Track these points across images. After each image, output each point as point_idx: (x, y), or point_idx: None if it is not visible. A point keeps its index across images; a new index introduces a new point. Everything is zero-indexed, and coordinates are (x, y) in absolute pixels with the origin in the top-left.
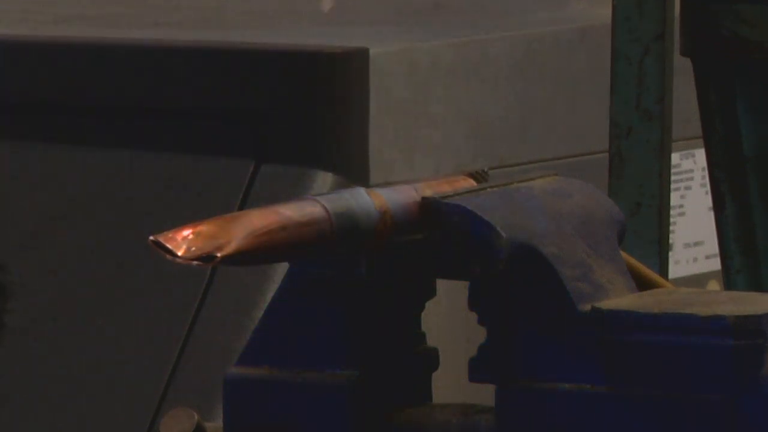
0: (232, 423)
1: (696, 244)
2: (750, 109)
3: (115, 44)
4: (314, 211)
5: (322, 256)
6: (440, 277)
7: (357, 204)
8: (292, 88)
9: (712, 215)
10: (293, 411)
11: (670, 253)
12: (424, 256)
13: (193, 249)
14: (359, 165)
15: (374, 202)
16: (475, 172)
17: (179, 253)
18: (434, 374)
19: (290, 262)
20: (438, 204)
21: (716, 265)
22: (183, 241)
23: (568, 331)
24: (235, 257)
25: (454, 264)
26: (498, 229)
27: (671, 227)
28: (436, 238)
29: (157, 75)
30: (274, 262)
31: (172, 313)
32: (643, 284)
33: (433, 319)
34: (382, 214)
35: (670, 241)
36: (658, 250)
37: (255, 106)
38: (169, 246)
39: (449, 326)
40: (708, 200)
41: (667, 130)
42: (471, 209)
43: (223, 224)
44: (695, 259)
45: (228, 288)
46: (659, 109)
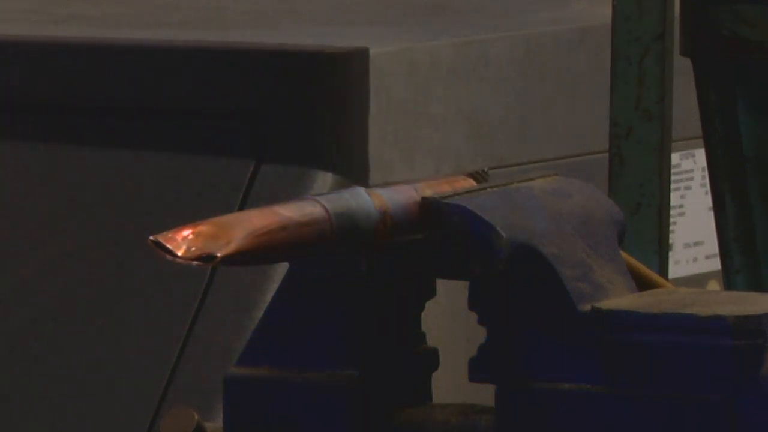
0: (232, 423)
1: (696, 244)
2: (750, 109)
3: (115, 44)
4: (314, 211)
5: (322, 256)
6: (440, 277)
7: (357, 204)
8: (292, 88)
9: (712, 215)
10: (293, 411)
11: (670, 253)
12: (424, 256)
13: (193, 249)
14: (359, 165)
15: (374, 202)
16: (475, 172)
17: (179, 253)
18: (434, 374)
19: (290, 262)
20: (438, 204)
21: (716, 265)
22: (183, 241)
23: (568, 331)
24: (234, 257)
25: (454, 264)
26: (498, 229)
27: (671, 227)
28: (436, 238)
29: (157, 75)
30: (274, 262)
31: (172, 313)
32: (643, 284)
33: (433, 319)
34: (382, 214)
35: (670, 241)
36: (658, 250)
37: (255, 106)
38: (168, 246)
39: (449, 326)
40: (708, 200)
41: (667, 130)
42: (471, 209)
43: (223, 224)
44: (695, 259)
45: (228, 288)
46: (659, 109)
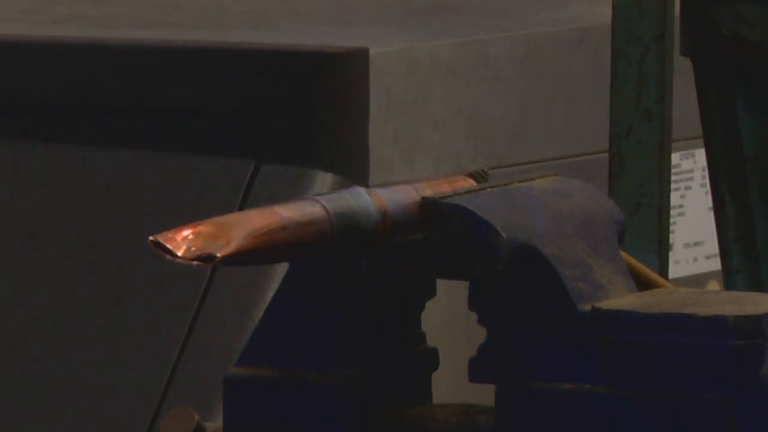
0: (232, 423)
1: (696, 244)
2: (750, 109)
3: (115, 44)
4: (314, 211)
5: (322, 256)
6: (440, 277)
7: (357, 204)
8: (292, 88)
9: (712, 215)
10: (293, 411)
11: (670, 253)
12: (424, 256)
13: (193, 249)
14: (359, 165)
15: (374, 202)
16: (475, 172)
17: (179, 254)
18: (434, 374)
19: (290, 262)
20: (438, 204)
21: (716, 265)
22: (183, 242)
23: (568, 331)
24: (234, 257)
25: (454, 264)
26: (498, 229)
27: (671, 227)
28: (436, 238)
29: (157, 75)
30: (274, 262)
31: (172, 313)
32: (643, 284)
33: (433, 319)
34: (382, 214)
35: (670, 241)
36: (658, 250)
37: (255, 106)
38: (168, 246)
39: (449, 326)
40: (708, 200)
41: (667, 130)
42: (471, 209)
43: (223, 224)
44: (695, 259)
45: (228, 288)
46: (659, 109)
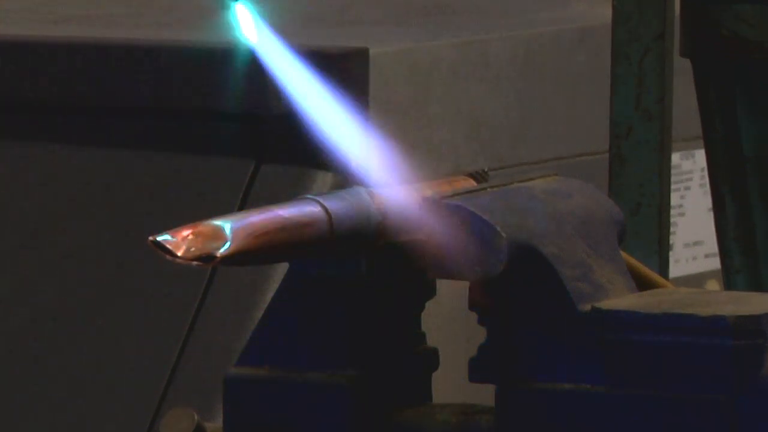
0: (232, 423)
1: (696, 243)
2: (750, 109)
3: (115, 44)
4: (314, 211)
5: (322, 256)
6: (440, 277)
7: (357, 204)
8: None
9: (712, 215)
10: (293, 411)
11: (670, 253)
12: (424, 256)
13: (193, 249)
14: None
15: (374, 202)
16: (475, 172)
17: (179, 254)
18: (434, 374)
19: (290, 262)
20: (438, 204)
21: (716, 264)
22: (183, 242)
23: (568, 331)
24: (234, 257)
25: (454, 264)
26: (498, 229)
27: (671, 227)
28: (436, 238)
29: (158, 75)
30: (274, 262)
31: (172, 313)
32: (643, 284)
33: (433, 319)
34: (382, 214)
35: (670, 241)
36: (658, 250)
37: (255, 106)
38: (168, 246)
39: (449, 326)
40: (708, 200)
41: (667, 130)
42: (471, 209)
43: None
44: (695, 259)
45: (228, 288)
46: (659, 109)
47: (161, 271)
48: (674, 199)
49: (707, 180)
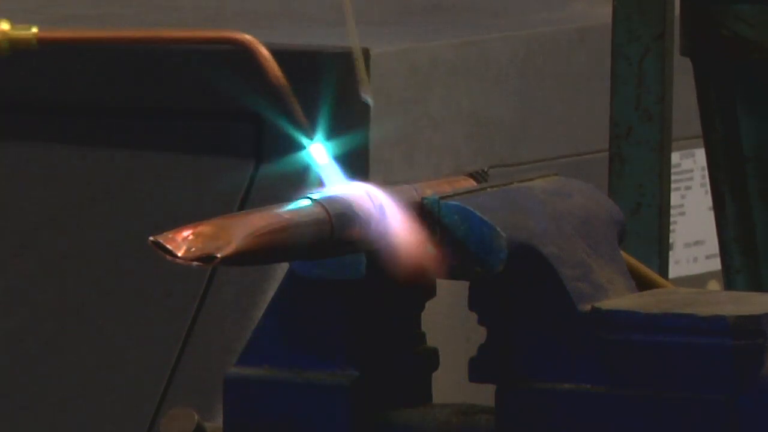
0: (232, 423)
1: (696, 244)
2: (750, 109)
3: (115, 45)
4: (314, 212)
5: (323, 256)
6: (440, 277)
7: (357, 204)
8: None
9: (712, 215)
10: (293, 411)
11: (670, 253)
12: (424, 256)
13: (193, 250)
14: (359, 165)
15: (374, 202)
16: (475, 172)
17: (179, 254)
18: (434, 374)
19: (290, 262)
20: (438, 204)
21: (716, 265)
22: (183, 242)
23: (568, 331)
24: (235, 258)
25: (454, 264)
26: (498, 229)
27: (671, 227)
28: (436, 238)
29: (157, 75)
30: (274, 263)
31: (172, 313)
32: (643, 284)
33: (433, 319)
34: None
35: (670, 241)
36: (658, 250)
37: (255, 106)
38: (169, 247)
39: (449, 326)
40: (708, 200)
41: (667, 130)
42: (471, 209)
43: (223, 225)
44: (695, 259)
45: (228, 288)
46: (659, 109)
47: (161, 271)
48: (674, 198)
49: (707, 180)
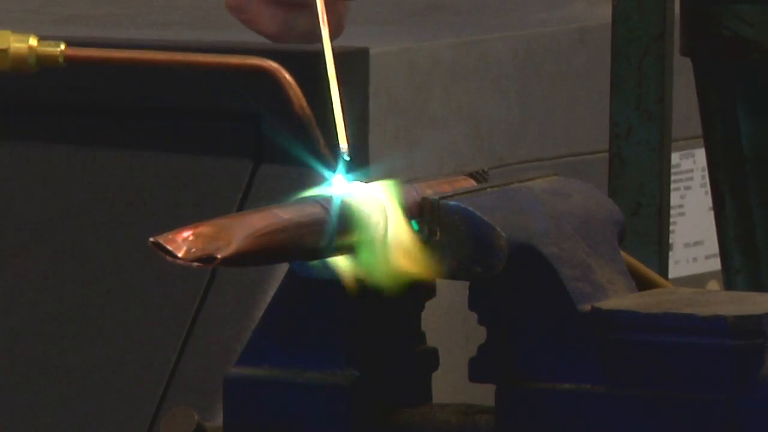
0: (232, 423)
1: (696, 244)
2: (750, 109)
3: (115, 44)
4: (314, 212)
5: (323, 256)
6: (440, 277)
7: (358, 204)
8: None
9: (712, 215)
10: (293, 411)
11: (670, 253)
12: (425, 256)
13: (193, 250)
14: (359, 165)
15: (375, 202)
16: (475, 172)
17: (179, 255)
18: (434, 374)
19: (290, 262)
20: (438, 204)
21: (716, 265)
22: (183, 243)
23: (568, 331)
24: (235, 258)
25: (454, 264)
26: (498, 229)
27: (671, 227)
28: (436, 238)
29: (157, 75)
30: (275, 263)
31: (172, 313)
32: (643, 284)
33: (433, 319)
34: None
35: (670, 241)
36: (658, 250)
37: (255, 106)
38: (169, 247)
39: (449, 326)
40: (708, 200)
41: (667, 130)
42: (471, 209)
43: (223, 225)
44: (695, 259)
45: (228, 288)
46: (659, 109)
47: (161, 271)
48: (674, 199)
49: (707, 180)
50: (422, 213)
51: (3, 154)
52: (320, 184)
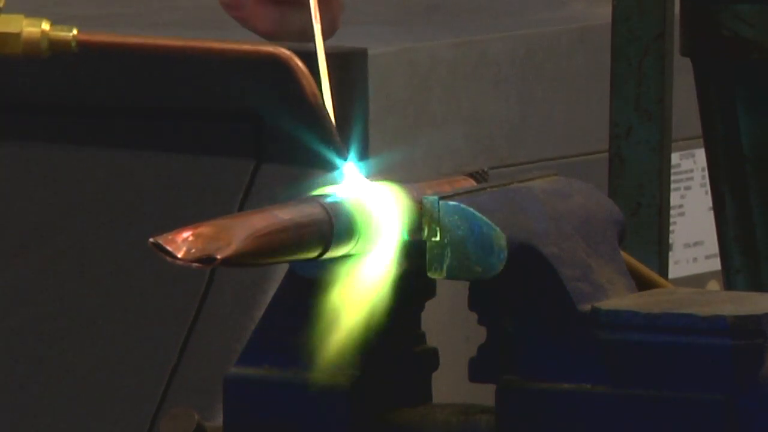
0: (232, 423)
1: (696, 244)
2: (750, 109)
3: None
4: (314, 212)
5: (323, 256)
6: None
7: (358, 204)
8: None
9: (712, 215)
10: (293, 411)
11: (670, 253)
12: (425, 256)
13: (193, 251)
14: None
15: (375, 202)
16: (475, 172)
17: (179, 255)
18: (434, 374)
19: (290, 262)
20: (438, 204)
21: (716, 265)
22: (183, 243)
23: (568, 331)
24: (235, 259)
25: (454, 264)
26: (498, 229)
27: (671, 227)
28: (436, 238)
29: (157, 75)
30: (275, 264)
31: (172, 313)
32: (643, 284)
33: (433, 319)
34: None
35: (670, 241)
36: (658, 250)
37: (255, 106)
38: (168, 248)
39: (449, 326)
40: (708, 200)
41: (667, 130)
42: (471, 209)
43: (223, 226)
44: (695, 259)
45: (228, 288)
46: (659, 109)
47: (161, 272)
48: (674, 199)
49: (707, 180)
50: (422, 213)
51: (3, 154)
52: (320, 185)
